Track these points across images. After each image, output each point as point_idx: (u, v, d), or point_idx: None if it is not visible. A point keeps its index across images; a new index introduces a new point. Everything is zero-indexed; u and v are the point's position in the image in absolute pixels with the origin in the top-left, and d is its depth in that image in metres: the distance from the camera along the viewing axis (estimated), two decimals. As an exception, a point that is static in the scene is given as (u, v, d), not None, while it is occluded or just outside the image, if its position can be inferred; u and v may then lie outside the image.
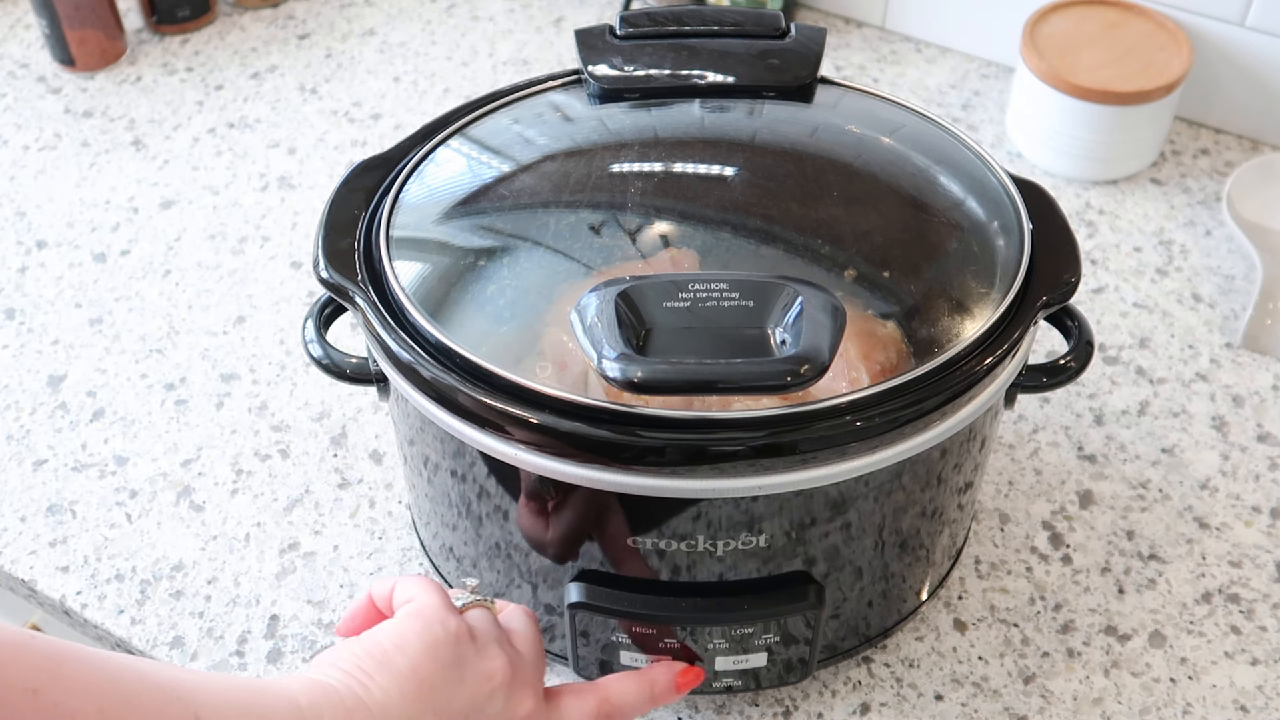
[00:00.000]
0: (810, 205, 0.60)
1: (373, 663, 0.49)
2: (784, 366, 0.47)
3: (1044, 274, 0.57)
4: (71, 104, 1.01)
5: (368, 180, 0.62)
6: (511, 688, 0.51)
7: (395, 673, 0.48)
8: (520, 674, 0.52)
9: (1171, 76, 0.89)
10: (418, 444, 0.61)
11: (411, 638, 0.50)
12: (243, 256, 0.89)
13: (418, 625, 0.50)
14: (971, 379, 0.53)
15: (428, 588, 0.52)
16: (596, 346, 0.49)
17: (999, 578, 0.70)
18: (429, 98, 1.01)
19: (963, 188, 0.60)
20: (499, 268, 0.57)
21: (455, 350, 0.53)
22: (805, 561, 0.58)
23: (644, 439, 0.51)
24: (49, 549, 0.72)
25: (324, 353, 0.62)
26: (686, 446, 0.51)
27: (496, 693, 0.50)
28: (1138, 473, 0.75)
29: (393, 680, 0.48)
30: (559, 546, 0.57)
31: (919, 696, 0.66)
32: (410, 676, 0.49)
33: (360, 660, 0.49)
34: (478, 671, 0.50)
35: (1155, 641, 0.68)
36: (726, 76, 0.63)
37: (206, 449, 0.77)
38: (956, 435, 0.56)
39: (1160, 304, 0.85)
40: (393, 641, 0.50)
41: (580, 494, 0.54)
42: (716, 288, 0.51)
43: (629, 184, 0.59)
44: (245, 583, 0.71)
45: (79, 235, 0.90)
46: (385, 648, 0.50)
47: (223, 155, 0.96)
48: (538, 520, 0.57)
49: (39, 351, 0.83)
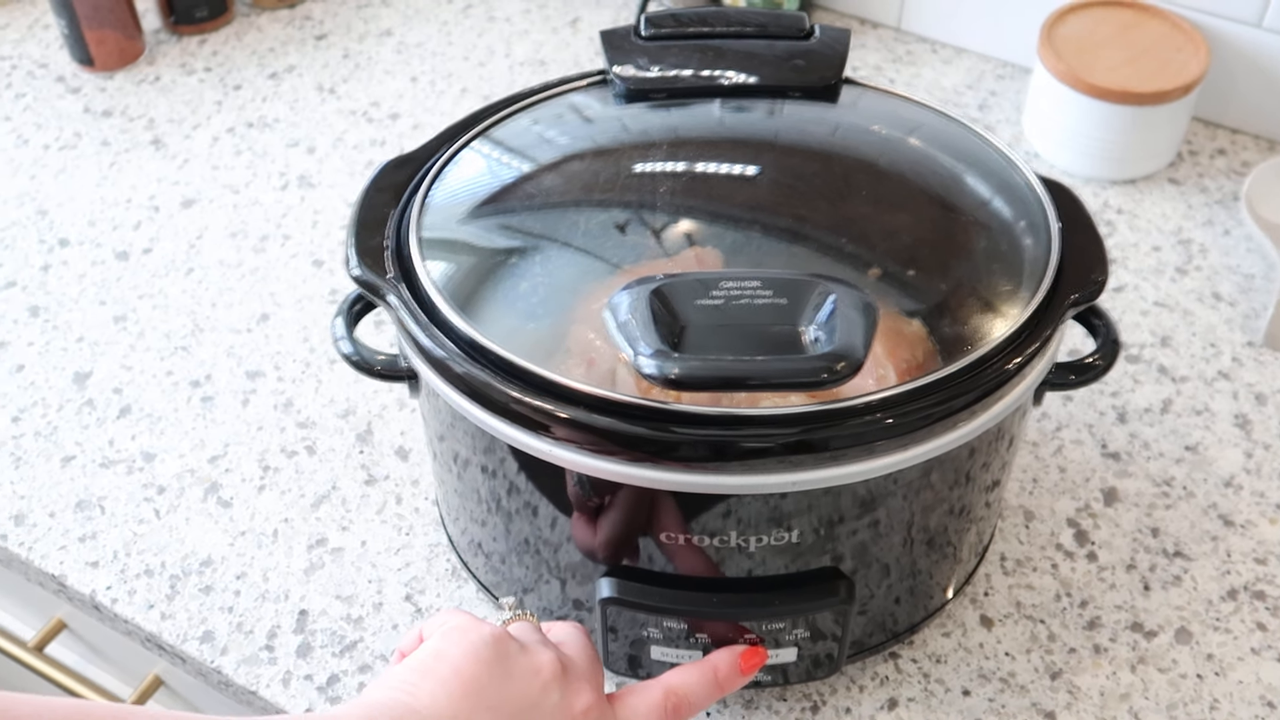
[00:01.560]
0: (837, 204, 0.60)
1: (415, 674, 0.49)
2: (820, 363, 0.48)
3: (1072, 272, 0.57)
4: (91, 103, 1.01)
5: (396, 178, 0.63)
6: (565, 682, 0.51)
7: (439, 677, 0.49)
8: (572, 670, 0.52)
9: (1189, 77, 0.89)
10: (448, 440, 0.61)
11: (449, 645, 0.50)
12: (264, 254, 0.89)
13: (454, 635, 0.51)
14: (1003, 376, 0.53)
15: (453, 612, 0.53)
16: (632, 343, 0.49)
17: (1025, 574, 0.71)
18: (446, 97, 1.01)
19: (989, 187, 0.61)
20: (526, 265, 0.58)
21: (488, 346, 0.53)
22: (835, 557, 0.58)
23: (679, 435, 0.51)
24: (78, 544, 0.73)
25: (353, 349, 0.62)
26: (721, 442, 0.51)
27: (549, 686, 0.50)
28: (1162, 470, 0.76)
29: (438, 683, 0.48)
30: (591, 542, 0.57)
31: (946, 692, 0.66)
32: (454, 678, 0.49)
33: (403, 675, 0.49)
34: (524, 667, 0.50)
35: (1181, 638, 0.68)
36: (752, 77, 0.64)
37: (233, 446, 0.77)
38: (985, 434, 0.56)
39: (1181, 303, 0.85)
40: (431, 653, 0.50)
41: (613, 490, 0.54)
42: (749, 286, 0.51)
43: (656, 183, 0.60)
44: (274, 578, 0.71)
45: (101, 233, 0.91)
46: (425, 659, 0.50)
47: (242, 154, 0.97)
48: (570, 516, 0.57)
49: (64, 349, 0.83)
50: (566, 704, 0.51)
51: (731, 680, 0.57)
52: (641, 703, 0.54)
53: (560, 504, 0.58)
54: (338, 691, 0.66)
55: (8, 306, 0.86)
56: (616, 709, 0.54)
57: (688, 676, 0.56)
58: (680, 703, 0.55)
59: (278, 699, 0.66)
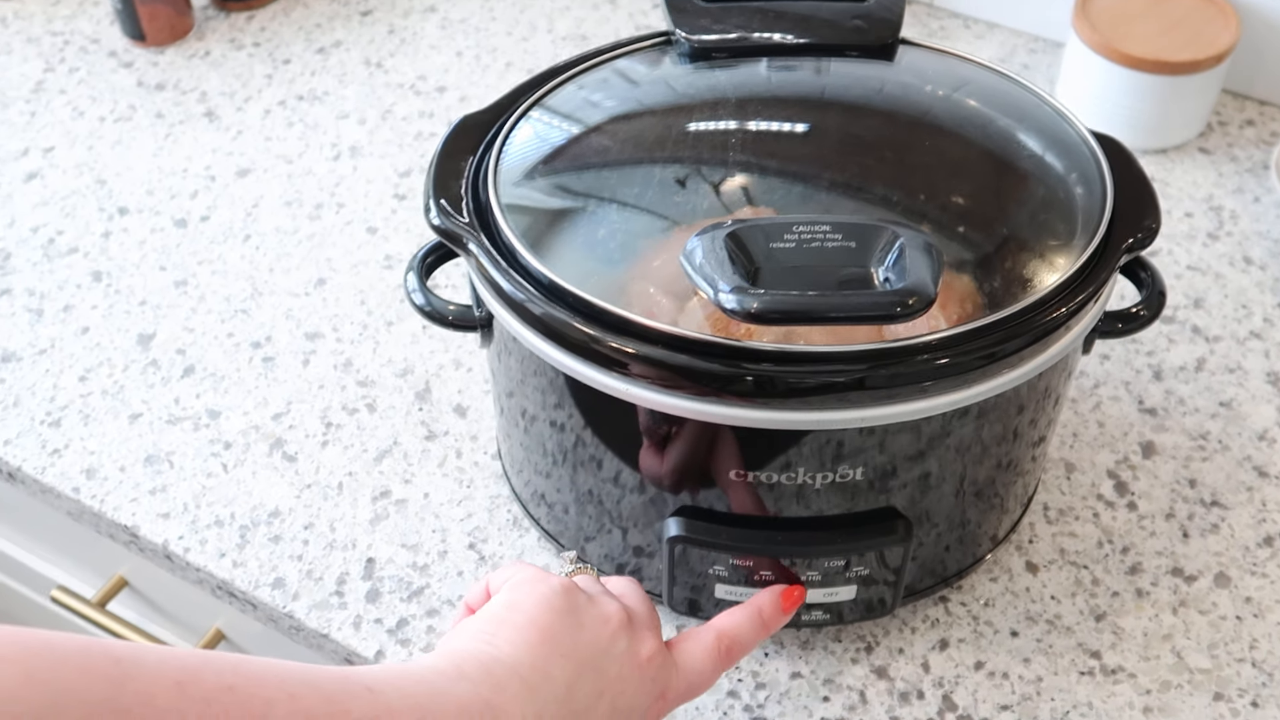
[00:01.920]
0: (897, 159, 0.62)
1: (492, 624, 0.51)
2: (894, 298, 0.50)
3: (1125, 220, 0.59)
4: (144, 77, 1.04)
5: (469, 136, 0.65)
6: (630, 630, 0.53)
7: (515, 626, 0.51)
8: (636, 620, 0.54)
9: (1221, 47, 0.91)
10: (516, 394, 0.63)
11: (521, 596, 0.52)
12: (319, 222, 0.91)
13: (525, 587, 0.53)
14: (1062, 318, 0.56)
15: (520, 564, 0.55)
16: (711, 282, 0.51)
17: (1067, 523, 0.73)
18: (491, 71, 1.04)
19: (1044, 140, 0.63)
20: (596, 218, 0.60)
21: (567, 288, 0.56)
22: (893, 499, 0.60)
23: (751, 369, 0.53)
24: (149, 497, 0.75)
25: (426, 300, 0.64)
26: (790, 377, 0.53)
27: (617, 634, 0.52)
28: (1197, 425, 0.78)
29: (515, 632, 0.50)
30: (661, 478, 0.60)
31: (995, 633, 0.68)
32: (530, 626, 0.51)
33: (479, 625, 0.52)
34: (593, 616, 0.52)
35: (1220, 582, 0.70)
36: (812, 37, 0.66)
37: (295, 403, 0.80)
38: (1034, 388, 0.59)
39: (1213, 266, 0.88)
40: (503, 604, 0.52)
41: (688, 428, 0.57)
42: (820, 230, 0.54)
43: (721, 140, 0.62)
44: (340, 528, 0.73)
45: (159, 202, 0.93)
46: (498, 611, 0.52)
47: (294, 126, 0.99)
48: (635, 465, 0.59)
49: (127, 311, 0.85)
50: (633, 651, 0.53)
51: (775, 619, 0.60)
52: (697, 647, 0.56)
53: (627, 452, 0.61)
54: (407, 634, 0.69)
55: (71, 272, 0.88)
56: (675, 655, 0.56)
57: (736, 619, 0.58)
58: (732, 644, 0.57)
59: (349, 642, 0.68)
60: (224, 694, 0.42)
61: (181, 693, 0.41)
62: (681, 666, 0.55)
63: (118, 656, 0.40)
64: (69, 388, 0.81)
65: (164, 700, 0.40)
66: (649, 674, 0.53)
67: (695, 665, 0.56)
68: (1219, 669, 0.67)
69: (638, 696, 0.52)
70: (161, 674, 0.41)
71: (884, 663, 0.67)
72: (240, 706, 0.42)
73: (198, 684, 0.41)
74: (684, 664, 0.56)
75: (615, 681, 0.51)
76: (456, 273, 0.87)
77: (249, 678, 0.43)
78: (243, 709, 0.42)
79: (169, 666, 0.41)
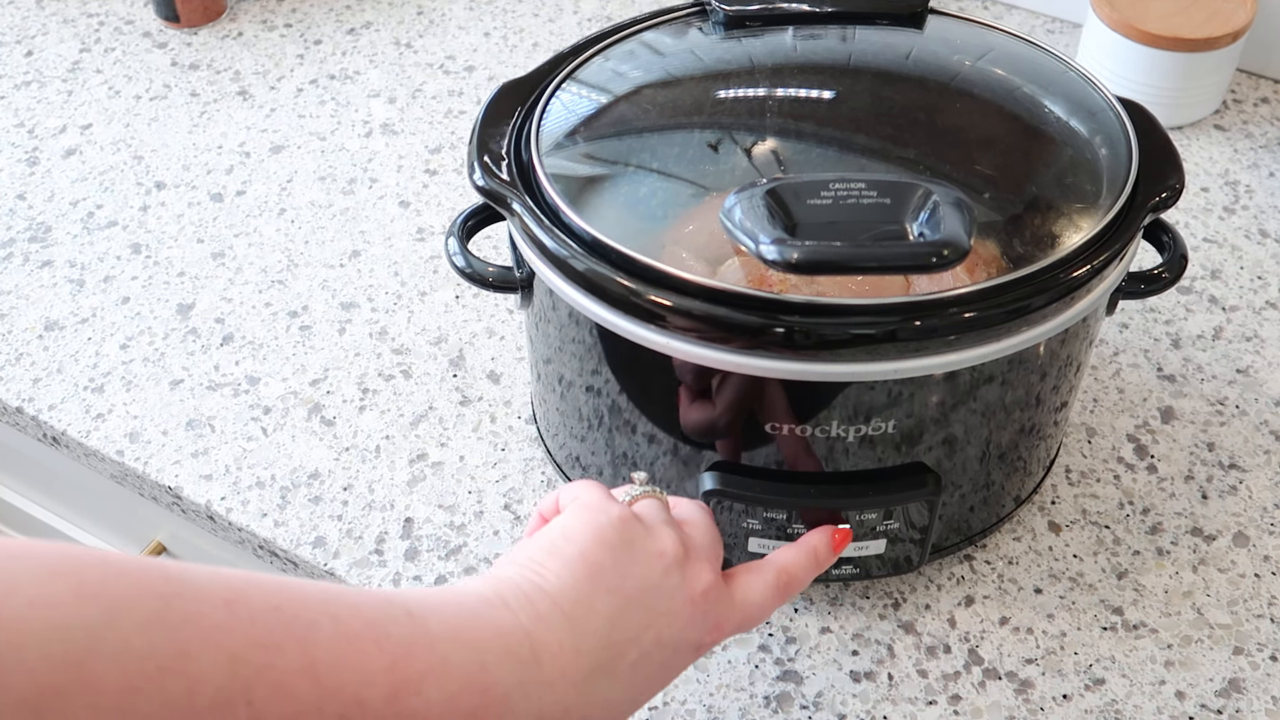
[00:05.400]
0: (928, 123, 0.64)
1: (543, 553, 0.52)
2: (929, 248, 0.52)
3: (1150, 181, 0.61)
4: (178, 57, 1.06)
5: (510, 101, 0.67)
6: (686, 564, 0.53)
7: (565, 558, 0.51)
8: (694, 552, 0.54)
9: (1237, 25, 0.93)
10: (554, 359, 0.65)
11: (576, 526, 0.52)
12: (353, 196, 0.93)
13: (582, 515, 0.53)
14: (1090, 272, 0.57)
15: (589, 485, 0.55)
16: (751, 235, 0.53)
17: (1089, 485, 0.75)
18: (519, 51, 1.06)
19: (1070, 104, 0.65)
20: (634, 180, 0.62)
21: (610, 244, 0.57)
22: (923, 457, 0.62)
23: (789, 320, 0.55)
24: (192, 459, 0.77)
25: (467, 263, 0.66)
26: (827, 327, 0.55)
27: (670, 569, 0.52)
28: (1215, 391, 0.80)
29: (564, 564, 0.51)
30: (698, 431, 0.62)
31: (1019, 590, 0.70)
32: (579, 559, 0.51)
33: (531, 553, 0.52)
34: (647, 550, 0.52)
35: (1239, 541, 0.72)
36: (843, 5, 0.68)
37: (332, 370, 0.82)
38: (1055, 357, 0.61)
39: (1229, 239, 0.89)
40: (560, 531, 0.52)
41: (724, 381, 0.58)
42: (855, 187, 0.55)
43: (755, 105, 0.64)
44: (379, 489, 0.75)
45: (195, 177, 0.95)
46: (554, 538, 0.52)
47: (326, 104, 1.01)
48: (682, 410, 0.61)
49: (166, 282, 0.87)
50: (688, 586, 0.53)
51: (827, 558, 0.61)
52: (757, 580, 0.57)
53: (663, 410, 0.62)
54: (445, 590, 0.70)
55: (110, 244, 0.90)
56: (732, 589, 0.56)
57: (792, 554, 0.60)
58: (791, 580, 0.58)
59: (389, 597, 0.70)
60: (270, 614, 0.43)
61: (230, 612, 0.42)
62: (738, 600, 0.56)
63: (169, 574, 0.42)
64: (111, 355, 0.83)
65: (212, 618, 0.41)
66: (701, 608, 0.53)
67: (754, 599, 0.56)
68: (1238, 624, 0.68)
69: (687, 630, 0.53)
70: (211, 592, 0.42)
71: (911, 618, 0.69)
72: (284, 627, 0.43)
73: (245, 603, 0.42)
74: (741, 597, 0.56)
75: (663, 615, 0.51)
76: (487, 244, 0.88)
77: (295, 599, 0.44)
78: (287, 629, 0.43)
79: (218, 585, 0.43)
